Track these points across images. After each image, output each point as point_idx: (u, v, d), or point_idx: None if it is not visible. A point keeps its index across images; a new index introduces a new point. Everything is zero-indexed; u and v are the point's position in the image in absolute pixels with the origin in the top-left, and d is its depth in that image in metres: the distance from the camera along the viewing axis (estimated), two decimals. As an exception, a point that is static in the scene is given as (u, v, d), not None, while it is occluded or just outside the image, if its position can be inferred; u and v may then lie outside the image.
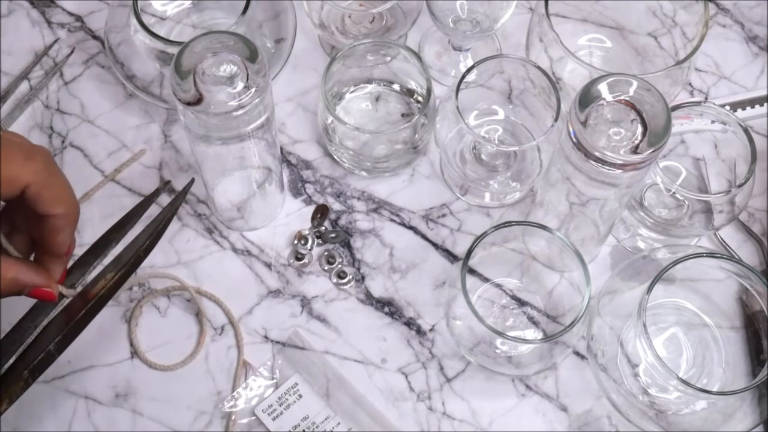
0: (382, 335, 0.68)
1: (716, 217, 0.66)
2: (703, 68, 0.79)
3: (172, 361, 0.67)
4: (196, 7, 0.79)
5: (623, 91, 0.56)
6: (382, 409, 0.66)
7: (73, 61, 0.79)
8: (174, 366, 0.67)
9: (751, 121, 0.76)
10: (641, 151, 0.54)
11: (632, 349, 0.65)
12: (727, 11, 0.82)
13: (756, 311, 0.66)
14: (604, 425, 0.66)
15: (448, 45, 0.78)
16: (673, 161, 0.73)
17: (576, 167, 0.57)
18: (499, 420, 0.66)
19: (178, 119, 0.75)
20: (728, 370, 0.66)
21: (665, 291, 0.68)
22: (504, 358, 0.65)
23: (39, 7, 0.81)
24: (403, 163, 0.73)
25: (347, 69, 0.73)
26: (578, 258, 0.62)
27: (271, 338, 0.68)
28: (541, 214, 0.68)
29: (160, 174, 0.74)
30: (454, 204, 0.73)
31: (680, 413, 0.64)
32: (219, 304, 0.69)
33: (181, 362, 0.67)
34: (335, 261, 0.70)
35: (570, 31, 0.77)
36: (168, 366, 0.67)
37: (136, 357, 0.67)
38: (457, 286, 0.61)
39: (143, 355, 0.67)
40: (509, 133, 0.74)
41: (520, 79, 0.70)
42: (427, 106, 0.68)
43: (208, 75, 0.55)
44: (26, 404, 0.65)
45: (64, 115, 0.76)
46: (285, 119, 0.76)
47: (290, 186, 0.74)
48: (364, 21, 0.77)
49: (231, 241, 0.72)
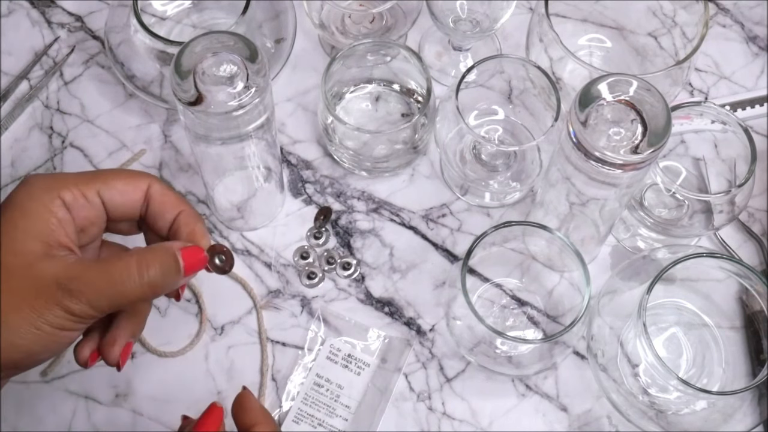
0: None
1: (716, 217, 0.66)
2: (703, 68, 0.79)
3: (172, 361, 0.67)
4: (196, 7, 0.79)
5: (623, 91, 0.56)
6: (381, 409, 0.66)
7: (73, 61, 0.79)
8: (175, 353, 0.67)
9: (751, 121, 0.76)
10: (641, 151, 0.54)
11: (632, 349, 0.65)
12: (727, 11, 0.82)
13: (756, 311, 0.66)
14: (604, 425, 0.66)
15: (448, 45, 0.78)
16: (673, 161, 0.73)
17: (576, 167, 0.57)
18: (499, 420, 0.66)
19: (178, 119, 0.75)
20: (728, 370, 0.66)
21: (665, 291, 0.68)
22: (504, 358, 0.65)
23: (39, 7, 0.81)
24: (403, 163, 0.73)
25: (347, 69, 0.73)
26: (578, 258, 0.62)
27: (271, 338, 0.68)
28: (541, 214, 0.68)
29: (160, 174, 0.74)
30: (454, 204, 0.73)
31: (680, 413, 0.64)
32: (243, 285, 0.70)
33: (182, 350, 0.67)
34: (335, 261, 0.70)
35: (570, 31, 0.77)
36: (170, 352, 0.67)
37: (137, 342, 0.67)
38: (457, 286, 0.61)
39: (144, 339, 0.67)
40: (509, 133, 0.74)
41: (520, 79, 0.70)
42: (427, 106, 0.68)
43: (208, 75, 0.55)
44: (26, 404, 0.66)
45: (64, 115, 0.76)
46: (285, 119, 0.76)
47: (290, 186, 0.74)
48: (364, 21, 0.77)
49: (231, 241, 0.72)
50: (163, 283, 0.49)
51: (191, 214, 0.54)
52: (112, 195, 0.51)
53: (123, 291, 0.48)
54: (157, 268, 0.49)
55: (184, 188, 0.73)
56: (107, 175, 0.52)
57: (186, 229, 0.53)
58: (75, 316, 0.47)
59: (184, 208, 0.54)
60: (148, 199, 0.53)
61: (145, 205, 0.53)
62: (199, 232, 0.53)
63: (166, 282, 0.49)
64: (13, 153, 0.75)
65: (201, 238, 0.53)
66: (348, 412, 0.66)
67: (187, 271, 0.50)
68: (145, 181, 0.53)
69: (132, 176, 0.53)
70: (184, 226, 0.53)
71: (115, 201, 0.52)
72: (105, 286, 0.48)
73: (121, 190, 0.52)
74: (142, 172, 0.54)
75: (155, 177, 0.54)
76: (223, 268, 0.53)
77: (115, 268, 0.48)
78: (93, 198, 0.51)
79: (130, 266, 0.48)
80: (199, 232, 0.53)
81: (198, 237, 0.53)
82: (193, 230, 0.53)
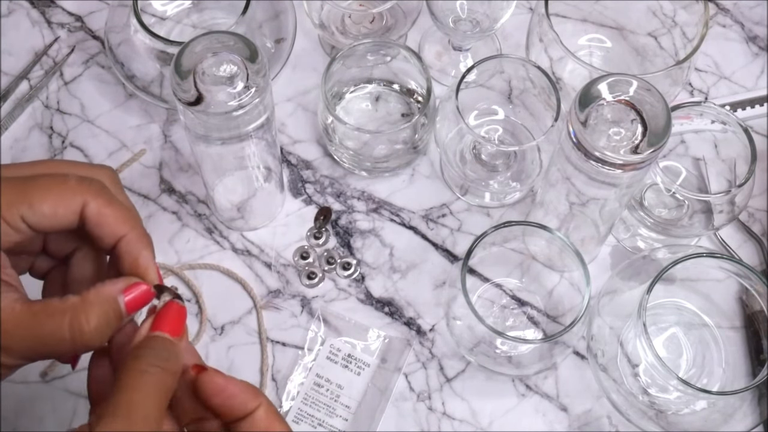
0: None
1: (716, 217, 0.66)
2: (703, 68, 0.79)
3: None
4: (196, 7, 0.79)
5: (623, 91, 0.56)
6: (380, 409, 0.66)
7: (73, 61, 0.79)
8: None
9: (751, 121, 0.76)
10: (641, 151, 0.54)
11: (632, 349, 0.65)
12: (727, 11, 0.82)
13: (756, 311, 0.66)
14: (604, 425, 0.66)
15: (448, 45, 0.78)
16: (673, 161, 0.73)
17: (576, 167, 0.57)
18: (499, 420, 0.66)
19: (178, 119, 0.75)
20: (728, 370, 0.66)
21: (665, 291, 0.68)
22: (504, 358, 0.65)
23: (39, 7, 0.81)
24: (403, 163, 0.73)
25: (347, 69, 0.73)
26: (578, 258, 0.62)
27: (271, 338, 0.68)
28: (541, 214, 0.68)
29: (160, 174, 0.74)
30: (454, 204, 0.73)
31: (680, 413, 0.64)
32: (243, 285, 0.70)
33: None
34: (335, 261, 0.70)
35: (570, 31, 0.77)
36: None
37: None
38: (457, 286, 0.61)
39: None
40: (509, 133, 0.74)
41: (520, 79, 0.70)
42: (427, 106, 0.68)
43: (208, 75, 0.55)
44: (26, 404, 0.66)
45: (64, 115, 0.76)
46: (285, 119, 0.76)
47: (290, 186, 0.74)
48: (364, 21, 0.77)
49: (231, 241, 0.72)
50: (100, 338, 0.44)
51: (134, 240, 0.47)
52: (39, 220, 0.45)
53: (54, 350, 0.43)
54: (93, 326, 0.43)
55: (184, 188, 0.73)
56: (33, 196, 0.44)
57: (128, 259, 0.46)
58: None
59: (126, 232, 0.46)
60: (84, 220, 0.46)
61: (81, 224, 0.46)
62: (143, 263, 0.46)
63: (104, 336, 0.44)
64: (13, 153, 0.75)
65: (145, 270, 0.46)
66: (348, 412, 0.66)
67: (129, 313, 0.45)
68: (79, 201, 0.45)
69: (63, 195, 0.45)
70: (126, 255, 0.46)
71: (42, 225, 0.45)
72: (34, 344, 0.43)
73: (48, 215, 0.45)
74: (78, 187, 0.45)
75: (96, 190, 0.46)
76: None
77: (44, 330, 0.43)
78: (17, 224, 0.44)
79: (61, 329, 0.42)
80: (143, 263, 0.46)
81: (142, 270, 0.46)
82: (136, 261, 0.46)
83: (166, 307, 0.46)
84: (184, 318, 0.46)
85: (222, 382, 0.44)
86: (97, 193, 0.46)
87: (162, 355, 0.43)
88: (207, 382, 0.44)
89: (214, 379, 0.44)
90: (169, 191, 0.73)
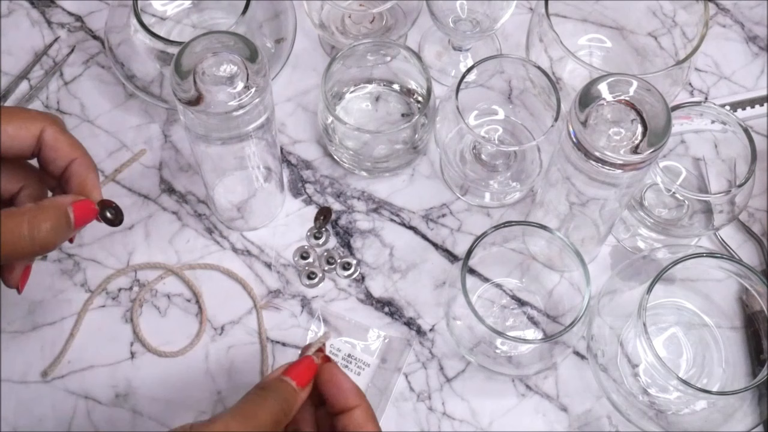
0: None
1: (716, 217, 0.66)
2: (703, 68, 0.79)
3: (172, 361, 0.67)
4: (196, 7, 0.79)
5: (623, 91, 0.56)
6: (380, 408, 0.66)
7: (73, 61, 0.79)
8: (176, 353, 0.67)
9: (751, 121, 0.76)
10: (641, 151, 0.54)
11: (632, 349, 0.65)
12: (727, 11, 0.82)
13: (756, 311, 0.66)
14: (604, 425, 0.66)
15: (448, 45, 0.78)
16: (673, 161, 0.73)
17: (576, 167, 0.57)
18: (499, 420, 0.66)
19: (178, 119, 0.75)
20: (728, 370, 0.66)
21: (665, 291, 0.68)
22: (504, 358, 0.65)
23: (39, 7, 0.81)
24: (403, 163, 0.73)
25: (347, 69, 0.73)
26: (578, 258, 0.62)
27: (271, 338, 0.68)
28: (541, 214, 0.68)
29: (160, 174, 0.74)
30: (454, 204, 0.73)
31: (680, 413, 0.64)
32: (243, 285, 0.70)
33: (182, 350, 0.67)
34: (335, 261, 0.70)
35: (570, 31, 0.77)
36: (170, 353, 0.67)
37: (137, 342, 0.67)
38: (457, 286, 0.61)
39: (144, 340, 0.67)
40: (509, 133, 0.74)
41: (520, 79, 0.70)
42: (427, 106, 0.68)
43: (208, 75, 0.55)
44: (26, 404, 0.66)
45: (64, 115, 0.76)
46: (285, 119, 0.76)
47: (290, 186, 0.74)
48: (364, 21, 0.77)
49: (231, 241, 0.72)
50: (54, 239, 0.50)
51: (83, 164, 0.54)
52: (4, 141, 0.52)
53: (15, 250, 0.49)
54: (48, 226, 0.50)
55: (184, 188, 0.73)
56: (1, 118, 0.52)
57: (77, 180, 0.54)
58: None
59: (77, 156, 0.54)
60: (41, 144, 0.53)
61: (38, 148, 0.53)
62: (90, 183, 0.54)
63: (58, 238, 0.50)
64: (13, 153, 0.75)
65: (92, 189, 0.54)
66: (348, 412, 0.66)
67: (77, 225, 0.51)
68: (39, 125, 0.53)
69: (26, 119, 0.53)
70: (76, 176, 0.54)
71: (4, 144, 0.52)
72: None
73: (11, 134, 0.52)
74: (39, 114, 0.54)
75: (53, 119, 0.54)
76: (113, 221, 0.54)
77: (6, 228, 0.48)
78: None
79: (21, 226, 0.49)
80: (90, 183, 0.54)
81: (89, 188, 0.54)
82: (84, 181, 0.54)
83: (301, 359, 0.51)
84: (313, 372, 0.51)
85: (338, 374, 0.51)
86: (53, 121, 0.54)
87: (281, 397, 0.49)
88: (328, 370, 0.51)
89: (333, 370, 0.51)
90: (169, 191, 0.73)
